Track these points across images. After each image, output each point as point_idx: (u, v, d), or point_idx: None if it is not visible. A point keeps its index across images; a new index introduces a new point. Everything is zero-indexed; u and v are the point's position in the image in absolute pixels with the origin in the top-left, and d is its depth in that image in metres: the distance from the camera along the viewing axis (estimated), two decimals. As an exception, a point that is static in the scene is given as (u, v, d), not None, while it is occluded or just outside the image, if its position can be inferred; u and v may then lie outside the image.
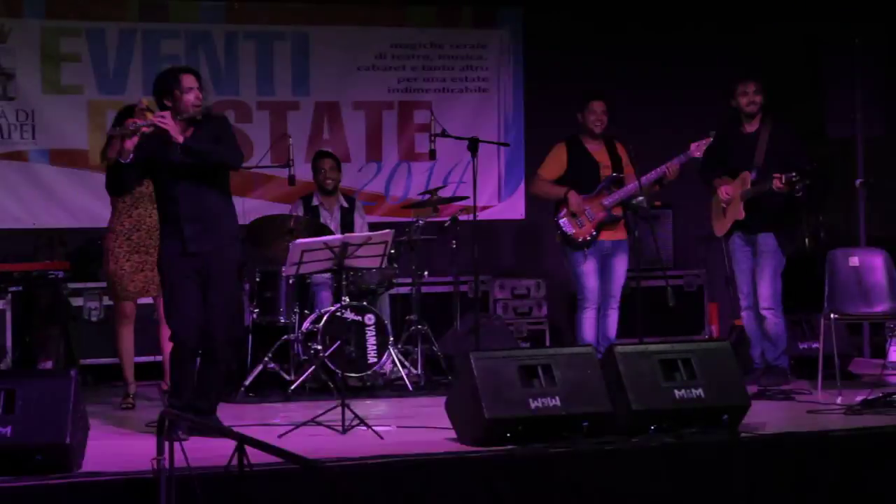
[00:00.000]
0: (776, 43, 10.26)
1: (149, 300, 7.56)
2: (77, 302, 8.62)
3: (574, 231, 7.96)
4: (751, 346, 7.97)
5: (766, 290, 7.76)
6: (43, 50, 9.06)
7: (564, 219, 7.99)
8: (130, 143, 6.12)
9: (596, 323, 7.99)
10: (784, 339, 7.84)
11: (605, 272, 8.02)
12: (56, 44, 9.11)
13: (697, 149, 7.82)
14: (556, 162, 8.11)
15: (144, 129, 6.14)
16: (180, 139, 6.13)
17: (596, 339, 7.89)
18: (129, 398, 7.46)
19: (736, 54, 10.12)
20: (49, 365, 8.30)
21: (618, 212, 7.98)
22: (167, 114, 6.19)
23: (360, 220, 8.81)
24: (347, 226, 8.66)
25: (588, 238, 7.94)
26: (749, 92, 7.91)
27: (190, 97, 6.22)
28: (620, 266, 8.02)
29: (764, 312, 7.78)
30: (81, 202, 9.10)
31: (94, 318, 8.61)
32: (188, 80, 6.25)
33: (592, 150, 8.08)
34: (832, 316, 7.47)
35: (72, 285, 8.59)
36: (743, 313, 8.02)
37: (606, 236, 7.99)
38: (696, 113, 9.61)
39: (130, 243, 7.35)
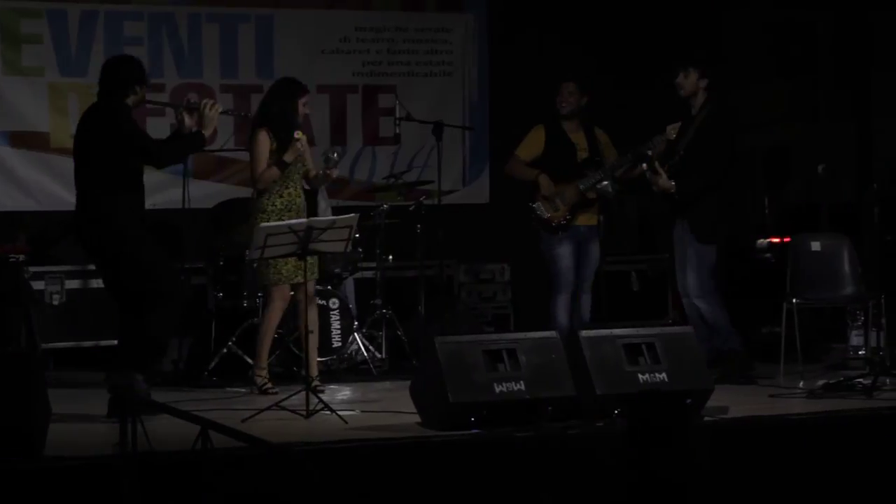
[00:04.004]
0: (740, 28, 10.30)
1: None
2: (38, 286, 8.54)
3: (549, 215, 7.95)
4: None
5: (693, 281, 7.64)
6: (3, 31, 8.96)
7: (539, 202, 7.98)
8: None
9: (569, 307, 7.96)
10: (723, 323, 7.62)
11: (580, 257, 7.99)
12: (17, 25, 9.00)
13: (671, 133, 7.79)
14: (534, 143, 8.09)
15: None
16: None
17: (570, 323, 7.86)
18: (268, 382, 7.27)
19: (702, 37, 10.15)
20: (9, 349, 8.23)
21: (593, 195, 7.94)
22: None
23: (323, 203, 8.78)
24: (311, 208, 8.62)
25: (563, 222, 7.93)
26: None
27: None
28: (594, 251, 7.97)
29: (696, 302, 7.65)
30: (43, 185, 9.01)
31: (55, 302, 8.55)
32: None
33: (571, 133, 8.05)
34: (794, 300, 7.51)
35: (33, 269, 8.51)
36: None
37: (582, 221, 7.96)
38: (667, 95, 9.64)
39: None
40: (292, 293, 7.31)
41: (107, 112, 6.62)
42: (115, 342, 6.72)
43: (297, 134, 7.25)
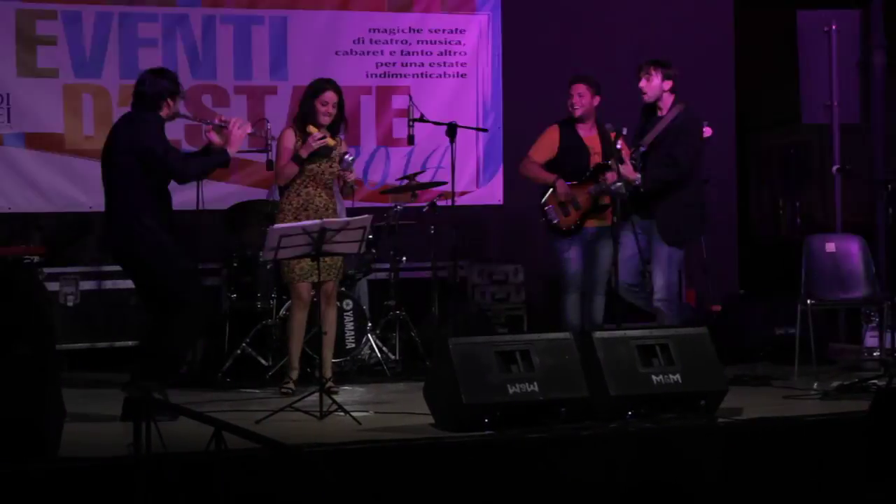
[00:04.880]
0: (753, 29, 10.28)
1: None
2: (53, 287, 8.57)
3: (559, 219, 7.93)
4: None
5: (660, 282, 7.56)
6: (18, 33, 8.98)
7: (550, 206, 7.96)
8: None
9: (580, 307, 7.94)
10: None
11: (590, 259, 7.96)
12: (31, 26, 9.03)
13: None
14: (548, 144, 8.07)
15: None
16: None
17: (581, 323, 7.83)
18: (289, 383, 7.29)
19: (715, 39, 10.15)
20: (25, 350, 8.24)
21: (606, 200, 7.92)
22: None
23: (338, 204, 8.78)
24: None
25: (572, 227, 7.92)
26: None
27: None
28: (606, 252, 7.88)
29: (658, 304, 7.57)
30: (57, 186, 9.04)
31: (70, 303, 8.57)
32: None
33: (584, 135, 8.03)
34: (809, 301, 7.49)
35: (48, 270, 8.53)
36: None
37: (592, 223, 7.93)
38: (680, 96, 9.62)
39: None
40: (313, 293, 7.32)
41: (136, 123, 6.65)
42: (130, 343, 6.75)
43: (310, 129, 7.27)
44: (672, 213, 7.54)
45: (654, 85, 7.64)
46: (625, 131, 7.43)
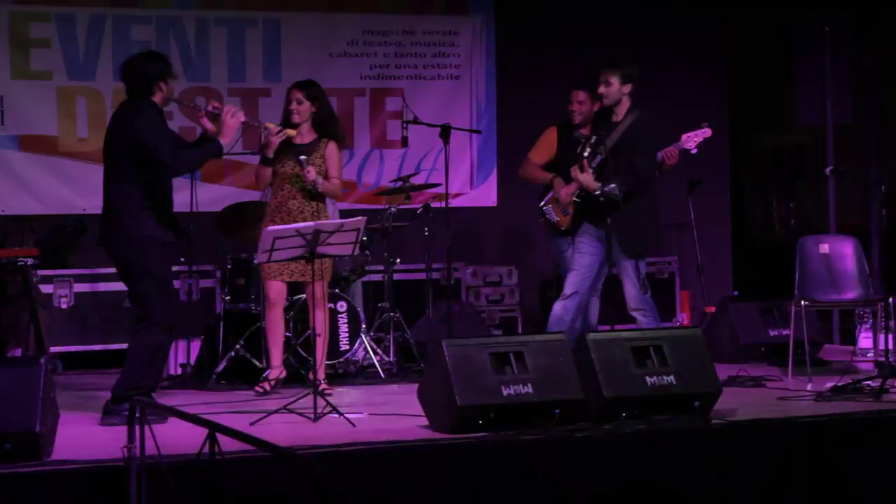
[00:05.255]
0: (747, 31, 10.30)
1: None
2: (47, 289, 8.56)
3: (558, 219, 7.93)
4: None
5: (631, 292, 7.38)
6: (12, 35, 9.00)
7: (549, 206, 7.96)
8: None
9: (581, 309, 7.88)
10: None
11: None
12: (25, 29, 9.04)
13: (688, 140, 7.72)
14: (546, 146, 8.07)
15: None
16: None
17: (583, 324, 7.78)
18: (264, 382, 7.31)
19: (708, 41, 10.16)
20: (18, 352, 8.25)
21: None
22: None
23: (331, 206, 8.78)
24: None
25: (571, 226, 7.89)
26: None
27: None
28: (590, 259, 7.85)
29: (633, 314, 7.40)
30: (51, 189, 9.05)
31: (63, 305, 8.57)
32: None
33: (583, 136, 8.01)
34: (802, 303, 7.50)
35: (42, 272, 8.53)
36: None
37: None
38: (674, 98, 9.65)
39: (273, 224, 7.22)
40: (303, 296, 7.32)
41: (128, 114, 6.39)
42: (124, 345, 6.67)
43: (267, 125, 7.27)
44: (631, 226, 7.27)
45: (614, 89, 7.40)
46: (593, 139, 7.35)
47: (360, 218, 6.80)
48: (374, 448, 5.55)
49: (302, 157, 7.28)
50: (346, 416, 6.25)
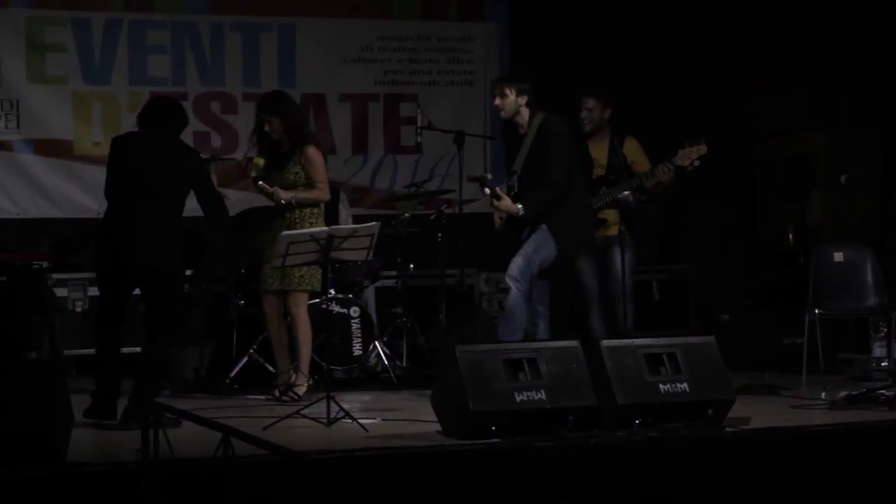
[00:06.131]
0: (759, 40, 10.29)
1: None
2: (61, 292, 8.58)
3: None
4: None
5: (519, 263, 7.35)
6: (28, 39, 9.02)
7: None
8: None
9: (600, 317, 7.85)
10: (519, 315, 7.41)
11: (602, 268, 7.90)
12: (41, 33, 9.06)
13: (684, 158, 7.68)
14: None
15: None
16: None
17: (604, 332, 7.74)
18: (274, 389, 7.38)
19: (722, 48, 10.15)
20: (33, 356, 8.27)
21: (604, 214, 7.86)
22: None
23: (344, 211, 8.81)
24: (331, 217, 8.65)
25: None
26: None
27: None
28: (614, 261, 7.81)
29: (509, 281, 7.43)
30: (66, 192, 9.07)
31: (78, 309, 8.58)
32: None
33: (592, 146, 7.99)
34: (817, 311, 7.49)
35: (56, 276, 8.55)
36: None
37: (599, 233, 7.83)
38: (687, 109, 9.65)
39: (270, 233, 7.36)
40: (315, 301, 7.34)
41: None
42: (138, 349, 6.73)
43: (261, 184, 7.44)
44: (562, 225, 7.28)
45: (509, 101, 7.36)
46: (489, 176, 7.34)
47: (374, 223, 6.81)
48: (387, 453, 5.55)
49: (260, 183, 7.38)
50: (360, 421, 6.25)
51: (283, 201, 7.33)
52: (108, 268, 6.60)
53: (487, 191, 7.30)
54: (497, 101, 7.41)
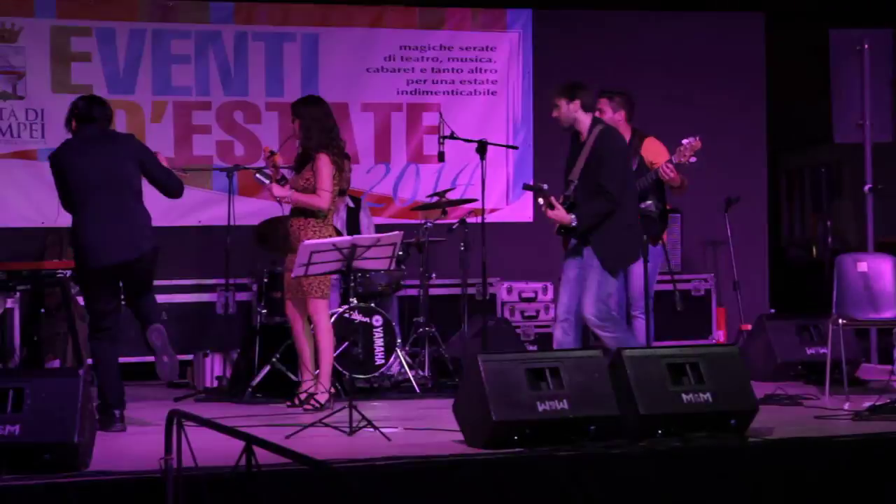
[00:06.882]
0: (785, 47, 10.26)
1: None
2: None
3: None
4: None
5: (591, 309, 7.08)
6: (53, 49, 9.08)
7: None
8: None
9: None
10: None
11: (622, 278, 7.82)
12: (66, 43, 9.12)
13: (680, 154, 7.57)
14: None
15: None
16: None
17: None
18: (294, 397, 7.42)
19: (746, 56, 10.13)
20: (57, 364, 8.31)
21: None
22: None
23: (366, 220, 8.83)
24: (354, 225, 8.67)
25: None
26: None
27: None
28: (635, 271, 7.76)
29: (596, 331, 7.16)
30: (90, 201, 9.09)
31: (101, 318, 8.60)
32: None
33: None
34: (840, 321, 7.46)
35: (80, 284, 8.58)
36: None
37: None
38: (711, 115, 9.63)
39: (287, 241, 7.49)
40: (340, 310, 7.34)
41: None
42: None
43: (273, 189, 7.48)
44: (608, 239, 7.12)
45: (563, 112, 7.23)
46: (545, 186, 7.28)
47: (396, 232, 6.82)
48: (410, 462, 5.55)
49: (257, 176, 7.47)
50: (382, 430, 6.25)
51: (276, 197, 7.38)
52: (107, 272, 6.67)
53: (542, 201, 7.26)
54: (553, 115, 7.30)
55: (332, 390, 7.36)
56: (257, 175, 7.45)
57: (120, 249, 6.63)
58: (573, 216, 7.16)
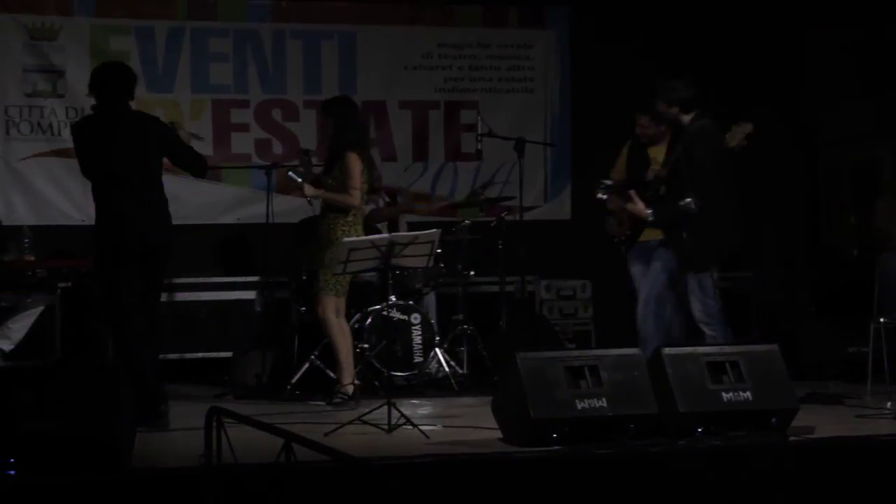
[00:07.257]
0: (824, 46, 10.19)
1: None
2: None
3: (614, 230, 7.88)
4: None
5: (697, 307, 7.18)
6: (92, 48, 9.13)
7: (610, 217, 7.92)
8: None
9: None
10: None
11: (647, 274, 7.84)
12: (105, 42, 9.17)
13: (731, 138, 7.44)
14: (619, 166, 8.05)
15: None
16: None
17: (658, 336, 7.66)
18: (340, 394, 7.43)
19: (785, 54, 10.06)
20: (98, 360, 8.35)
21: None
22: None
23: (399, 217, 8.84)
24: (393, 224, 8.68)
25: (623, 238, 7.82)
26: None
27: None
28: (657, 264, 7.61)
29: (701, 328, 7.25)
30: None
31: (141, 315, 8.65)
32: None
33: (651, 147, 7.94)
34: (882, 320, 7.40)
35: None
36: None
37: (650, 235, 7.71)
38: (750, 113, 9.53)
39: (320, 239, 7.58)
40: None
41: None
42: (200, 355, 6.83)
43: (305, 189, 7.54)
44: (697, 240, 7.09)
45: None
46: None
47: (434, 230, 6.82)
48: (448, 460, 5.55)
49: (290, 174, 7.50)
50: (420, 428, 6.25)
51: (307, 196, 7.41)
52: (132, 252, 6.63)
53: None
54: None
55: (357, 382, 7.36)
56: (290, 173, 7.48)
57: (153, 232, 6.63)
58: (650, 211, 7.16)
